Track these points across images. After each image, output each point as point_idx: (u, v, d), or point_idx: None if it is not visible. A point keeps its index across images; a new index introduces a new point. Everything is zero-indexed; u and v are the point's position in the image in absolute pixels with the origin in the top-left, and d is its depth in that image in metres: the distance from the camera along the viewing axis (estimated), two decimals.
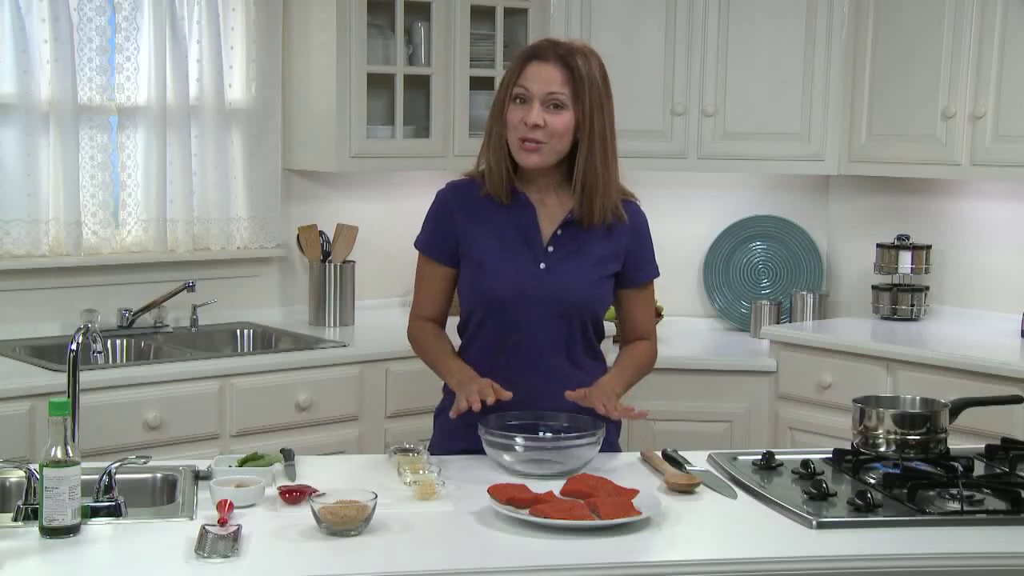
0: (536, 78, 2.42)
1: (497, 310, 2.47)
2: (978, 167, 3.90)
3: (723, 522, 2.17)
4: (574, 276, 2.48)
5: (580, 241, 2.49)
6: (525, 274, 2.47)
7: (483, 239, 2.49)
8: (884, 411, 2.50)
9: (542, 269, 2.47)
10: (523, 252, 2.48)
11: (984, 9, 3.83)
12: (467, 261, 2.51)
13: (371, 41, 3.99)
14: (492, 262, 2.48)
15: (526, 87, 2.42)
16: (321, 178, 4.21)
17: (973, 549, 2.06)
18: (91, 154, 3.75)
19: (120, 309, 3.81)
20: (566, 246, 2.49)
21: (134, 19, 3.77)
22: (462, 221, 2.51)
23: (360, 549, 1.99)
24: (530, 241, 2.48)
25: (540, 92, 2.41)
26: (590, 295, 2.50)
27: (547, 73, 2.42)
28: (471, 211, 2.51)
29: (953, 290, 4.30)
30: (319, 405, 3.57)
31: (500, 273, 2.47)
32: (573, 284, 2.47)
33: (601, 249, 2.51)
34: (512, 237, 2.48)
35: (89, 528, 2.04)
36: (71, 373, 2.32)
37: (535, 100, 2.41)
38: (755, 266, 4.57)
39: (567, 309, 2.48)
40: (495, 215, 2.50)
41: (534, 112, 2.40)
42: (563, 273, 2.47)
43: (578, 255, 2.49)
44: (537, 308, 2.46)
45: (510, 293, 2.46)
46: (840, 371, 3.84)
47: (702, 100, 4.24)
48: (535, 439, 2.37)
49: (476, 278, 2.49)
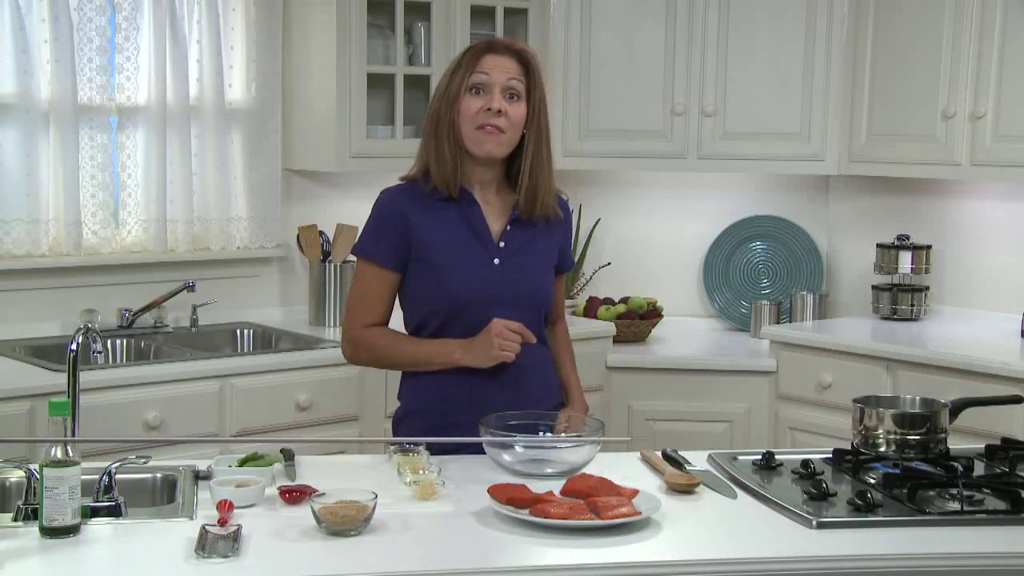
0: (495, 67, 2.46)
1: (459, 309, 2.48)
2: (978, 167, 3.90)
3: (723, 522, 2.17)
4: (526, 270, 2.54)
5: (526, 236, 2.56)
6: (481, 271, 2.50)
7: (436, 240, 2.49)
8: (884, 411, 2.50)
9: (496, 264, 2.51)
10: (477, 249, 2.51)
11: (984, 9, 3.83)
12: (422, 264, 2.50)
13: (371, 41, 3.99)
14: (449, 262, 2.49)
15: (487, 73, 2.45)
16: (321, 178, 4.21)
17: (973, 549, 2.05)
18: (91, 154, 3.75)
19: (120, 309, 3.81)
20: (515, 241, 2.54)
21: (134, 19, 3.77)
22: (414, 223, 2.50)
23: (360, 549, 1.99)
24: (481, 238, 2.52)
25: (500, 80, 2.46)
26: (542, 286, 2.58)
27: (505, 64, 2.47)
28: (420, 213, 2.51)
29: (953, 290, 4.30)
30: (319, 405, 3.57)
31: (458, 273, 2.48)
32: (527, 278, 2.54)
33: (544, 243, 2.59)
34: (464, 235, 2.51)
35: (89, 528, 2.04)
36: (71, 373, 2.32)
37: (495, 88, 2.45)
38: (755, 266, 4.57)
39: (524, 302, 2.52)
40: (444, 214, 2.51)
41: (497, 98, 2.44)
42: (516, 268, 2.53)
43: (526, 249, 2.55)
44: (496, 303, 2.48)
45: (469, 292, 2.48)
46: (840, 371, 3.84)
47: (702, 100, 4.24)
48: (535, 439, 2.37)
49: (434, 279, 2.49)
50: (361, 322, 2.54)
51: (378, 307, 2.53)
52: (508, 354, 2.43)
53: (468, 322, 2.47)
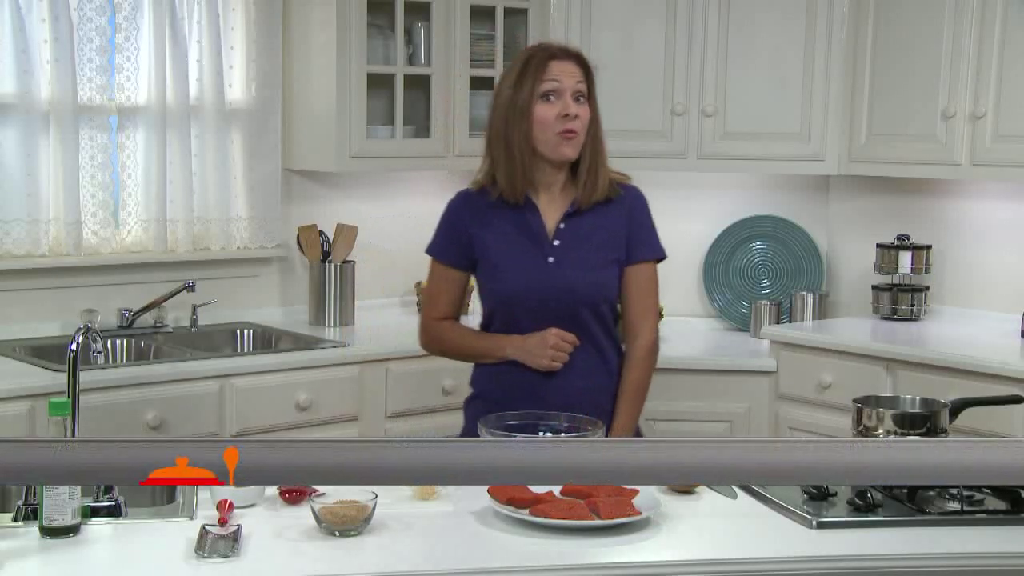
0: (563, 73, 2.54)
1: (516, 306, 2.61)
2: (978, 167, 3.90)
3: (723, 522, 2.17)
4: (581, 265, 2.60)
5: (583, 230, 2.61)
6: (535, 270, 2.59)
7: (494, 243, 2.62)
8: (884, 411, 2.50)
9: (550, 263, 2.60)
10: (532, 250, 2.61)
11: (984, 9, 3.83)
12: (483, 264, 2.65)
13: (371, 41, 3.99)
14: (504, 263, 2.62)
15: (558, 80, 2.53)
16: (321, 178, 4.21)
17: (973, 549, 2.06)
18: (91, 154, 3.75)
19: (120, 309, 3.81)
20: (570, 237, 2.61)
21: (134, 19, 3.77)
22: (474, 227, 2.64)
23: (360, 549, 1.99)
24: (537, 238, 2.61)
25: (570, 85, 2.54)
26: (597, 280, 2.61)
27: (571, 68, 2.55)
28: (482, 218, 2.64)
29: (953, 290, 4.30)
30: (319, 405, 3.57)
31: (513, 273, 2.61)
32: (581, 273, 2.60)
33: (601, 235, 2.62)
34: (519, 237, 2.61)
35: (89, 528, 2.04)
36: (71, 373, 2.32)
37: (567, 93, 2.53)
38: (755, 266, 4.57)
39: (579, 297, 2.59)
40: (503, 219, 2.63)
41: (571, 103, 2.53)
42: (570, 264, 2.60)
43: (582, 244, 2.61)
44: (551, 299, 2.58)
45: (524, 289, 2.60)
46: (840, 371, 3.84)
47: (702, 100, 4.24)
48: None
49: (492, 279, 2.64)
50: (433, 315, 2.72)
51: (447, 302, 2.71)
52: (556, 364, 2.57)
53: (527, 318, 2.60)
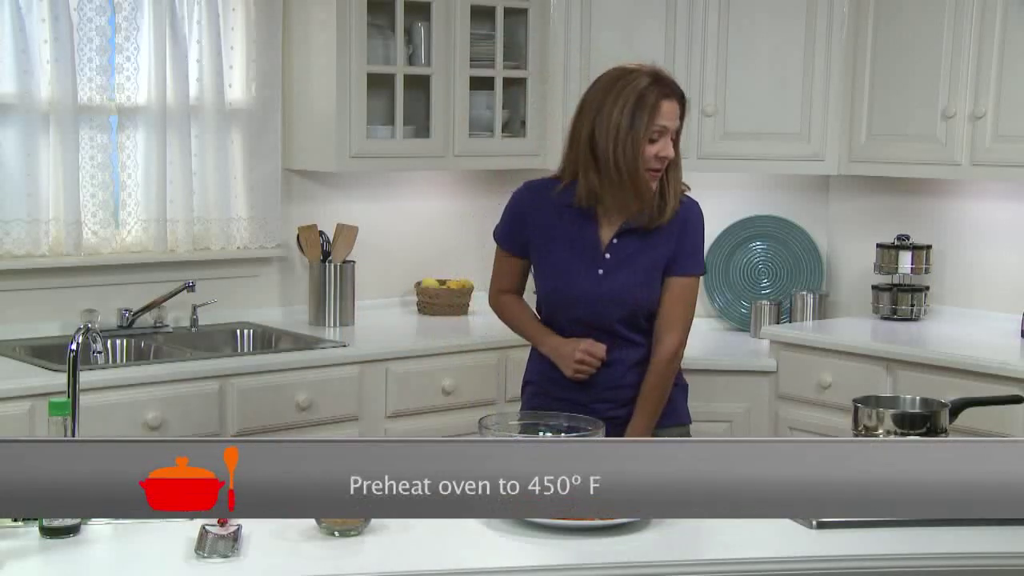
0: (668, 116, 2.64)
1: (559, 306, 2.75)
2: (978, 167, 3.90)
3: (723, 522, 2.16)
4: (627, 281, 2.70)
5: (635, 247, 2.71)
6: (585, 278, 2.70)
7: (549, 243, 2.72)
8: (884, 411, 2.50)
9: (599, 275, 2.70)
10: (584, 259, 2.71)
11: (984, 9, 3.83)
12: (537, 257, 2.77)
13: (371, 41, 3.99)
14: (556, 266, 2.72)
15: (666, 125, 2.63)
16: (321, 178, 4.21)
17: (973, 549, 2.06)
18: (91, 154, 3.75)
19: (120, 309, 3.81)
20: (622, 252, 2.70)
21: (134, 19, 3.77)
22: (534, 222, 2.74)
23: (360, 549, 1.99)
24: (590, 248, 2.71)
25: (672, 128, 2.65)
26: (642, 295, 2.73)
27: (674, 109, 2.65)
28: (542, 215, 2.73)
29: (953, 290, 4.30)
30: (319, 405, 3.57)
31: (563, 279, 2.72)
32: (626, 289, 2.71)
33: (653, 253, 2.72)
34: (575, 245, 2.71)
35: (89, 528, 2.04)
36: (71, 373, 2.32)
37: (668, 135, 2.64)
38: (755, 266, 4.57)
39: (622, 306, 2.72)
40: (563, 222, 2.71)
41: (669, 146, 2.64)
42: (618, 278, 2.70)
43: (632, 261, 2.71)
44: (596, 306, 2.71)
45: (572, 294, 2.71)
46: (840, 371, 3.84)
47: (702, 100, 4.24)
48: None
49: (543, 276, 2.77)
50: (499, 288, 2.87)
51: (509, 282, 2.84)
52: (580, 376, 2.70)
53: (567, 318, 2.74)
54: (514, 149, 4.32)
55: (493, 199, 4.58)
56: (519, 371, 3.89)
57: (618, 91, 2.62)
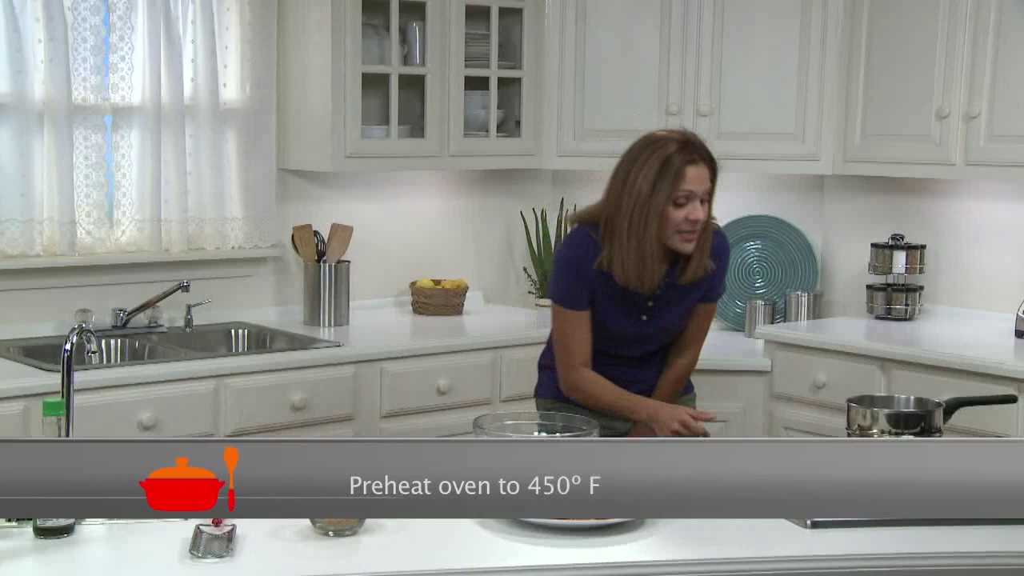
0: (695, 180, 2.70)
1: (603, 340, 2.85)
2: (972, 167, 3.91)
3: (718, 522, 2.17)
4: (669, 323, 2.89)
5: (676, 294, 2.84)
6: (630, 323, 2.84)
7: (600, 295, 2.81)
8: (878, 411, 2.50)
9: (644, 320, 2.85)
10: (630, 308, 2.82)
11: (979, 9, 3.83)
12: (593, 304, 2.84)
13: (366, 41, 3.99)
14: (607, 313, 2.82)
15: (690, 192, 2.69)
16: (316, 178, 4.20)
17: (967, 548, 2.06)
18: (85, 154, 3.75)
19: (115, 309, 3.81)
20: (664, 299, 2.84)
21: (128, 19, 3.77)
22: (590, 274, 2.79)
23: (355, 549, 1.99)
24: (635, 300, 2.82)
25: (700, 192, 2.71)
26: (680, 327, 2.92)
27: (702, 174, 2.71)
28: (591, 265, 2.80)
29: (947, 290, 4.30)
30: (314, 405, 3.57)
31: (611, 325, 2.83)
32: (668, 326, 2.89)
33: (694, 294, 2.87)
34: (622, 296, 2.80)
35: (83, 528, 2.03)
36: (65, 373, 2.31)
37: (696, 199, 2.70)
38: (750, 266, 4.58)
39: (662, 340, 2.93)
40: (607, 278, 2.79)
41: (698, 209, 2.70)
42: (660, 320, 2.86)
43: (673, 305, 2.86)
44: (638, 343, 2.89)
45: (617, 335, 2.85)
46: (835, 371, 3.84)
47: (697, 100, 4.24)
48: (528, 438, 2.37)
49: (596, 322, 2.84)
50: (572, 362, 2.84)
51: (583, 346, 2.83)
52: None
53: (612, 350, 2.86)
54: (509, 149, 4.31)
55: (488, 199, 4.60)
56: (513, 371, 3.92)
57: (645, 158, 2.71)
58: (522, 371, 3.96)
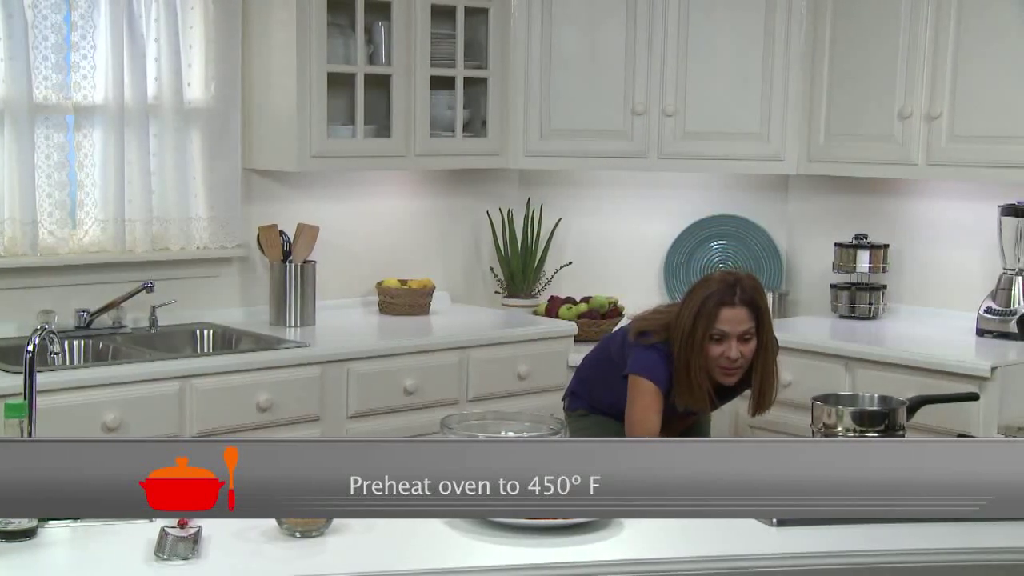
0: (729, 321, 2.84)
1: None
2: (935, 167, 3.94)
3: (684, 521, 2.17)
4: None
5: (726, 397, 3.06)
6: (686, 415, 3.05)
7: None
8: (843, 409, 2.52)
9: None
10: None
11: (939, 10, 3.87)
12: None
13: (331, 40, 3.97)
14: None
15: (724, 331, 2.84)
16: (281, 178, 4.18)
17: (934, 546, 2.08)
18: (47, 153, 3.71)
19: (78, 310, 3.77)
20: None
21: (90, 17, 3.73)
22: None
23: (322, 550, 1.98)
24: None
25: (736, 332, 2.84)
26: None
27: (738, 315, 2.85)
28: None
29: (910, 289, 4.34)
30: (280, 406, 3.55)
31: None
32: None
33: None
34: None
35: (46, 531, 2.02)
36: (28, 375, 2.29)
37: (732, 338, 2.84)
38: (716, 265, 4.59)
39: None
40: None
41: (734, 348, 2.84)
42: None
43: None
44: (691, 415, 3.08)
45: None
46: (800, 369, 3.86)
47: (663, 100, 4.26)
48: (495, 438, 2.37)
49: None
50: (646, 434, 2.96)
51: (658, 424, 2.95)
52: None
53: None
54: (475, 149, 4.31)
55: (454, 199, 4.59)
56: (480, 371, 3.92)
57: (692, 295, 2.92)
58: (488, 371, 3.96)
